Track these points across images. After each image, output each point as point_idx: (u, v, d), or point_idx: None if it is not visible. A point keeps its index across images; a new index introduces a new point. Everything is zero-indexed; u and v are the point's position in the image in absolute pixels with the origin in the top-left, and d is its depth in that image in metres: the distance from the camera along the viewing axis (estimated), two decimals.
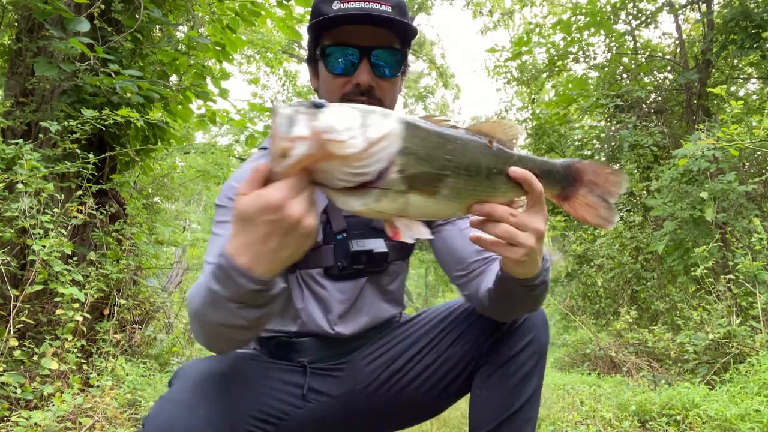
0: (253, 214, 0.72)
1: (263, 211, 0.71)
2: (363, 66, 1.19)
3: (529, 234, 0.88)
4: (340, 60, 1.20)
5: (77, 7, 3.37)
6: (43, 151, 3.14)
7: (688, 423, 2.70)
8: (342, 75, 1.21)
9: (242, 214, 0.73)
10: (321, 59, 1.23)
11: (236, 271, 0.77)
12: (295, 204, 0.71)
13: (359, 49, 1.19)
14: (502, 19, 15.49)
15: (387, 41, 1.22)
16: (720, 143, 4.47)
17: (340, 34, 1.20)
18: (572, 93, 8.06)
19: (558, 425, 2.91)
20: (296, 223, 0.71)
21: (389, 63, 1.23)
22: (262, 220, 0.72)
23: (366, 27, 1.19)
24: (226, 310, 0.83)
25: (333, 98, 1.19)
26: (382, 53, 1.21)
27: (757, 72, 7.62)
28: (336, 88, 1.21)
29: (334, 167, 0.70)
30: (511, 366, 1.27)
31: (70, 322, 2.73)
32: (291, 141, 0.67)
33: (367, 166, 0.70)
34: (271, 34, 9.75)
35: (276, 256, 0.75)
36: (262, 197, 0.71)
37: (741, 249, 4.36)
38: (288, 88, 18.93)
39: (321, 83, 1.27)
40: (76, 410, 2.48)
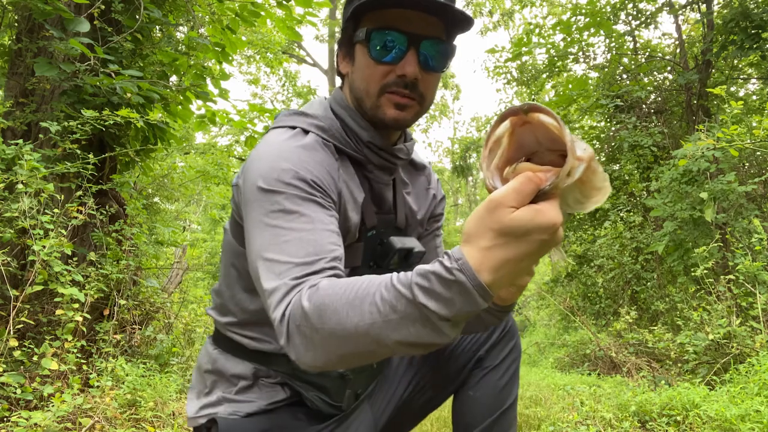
0: (530, 231, 0.66)
1: (543, 230, 0.66)
2: (410, 56, 1.09)
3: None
4: (387, 46, 1.09)
5: (77, 7, 3.37)
6: (43, 152, 3.14)
7: (688, 423, 2.70)
8: (387, 63, 1.10)
9: (516, 228, 0.66)
10: (363, 43, 1.11)
11: (481, 288, 0.68)
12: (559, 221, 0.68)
13: (408, 36, 1.08)
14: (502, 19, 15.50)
15: (437, 31, 1.12)
16: (720, 144, 4.47)
17: (389, 17, 1.09)
18: (572, 93, 8.06)
19: (558, 426, 2.91)
20: (559, 241, 0.69)
21: (438, 55, 1.12)
22: (536, 238, 0.66)
23: (417, 13, 1.09)
24: (429, 328, 0.72)
25: (371, 87, 1.12)
26: (432, 44, 1.11)
27: (756, 72, 7.63)
28: (377, 77, 1.11)
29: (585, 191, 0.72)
30: (501, 368, 1.39)
31: (70, 323, 2.73)
32: (578, 161, 0.67)
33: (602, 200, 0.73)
34: (271, 34, 9.75)
35: (521, 273, 0.71)
36: (544, 215, 0.66)
37: (741, 249, 4.36)
38: (288, 89, 18.93)
39: (357, 69, 1.15)
40: (76, 410, 2.48)
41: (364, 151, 1.18)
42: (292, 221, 0.94)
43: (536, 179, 0.67)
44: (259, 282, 0.92)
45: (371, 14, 1.12)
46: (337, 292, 0.78)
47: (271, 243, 0.92)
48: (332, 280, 0.83)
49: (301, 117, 1.18)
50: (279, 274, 0.88)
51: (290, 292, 0.85)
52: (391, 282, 0.74)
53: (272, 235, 0.93)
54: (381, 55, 1.10)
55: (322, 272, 0.88)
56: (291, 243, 0.91)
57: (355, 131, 1.17)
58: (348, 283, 0.79)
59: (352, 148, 1.17)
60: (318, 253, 0.91)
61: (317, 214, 0.97)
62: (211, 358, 1.28)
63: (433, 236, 1.42)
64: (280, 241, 0.92)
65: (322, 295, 0.79)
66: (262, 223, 0.96)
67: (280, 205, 0.96)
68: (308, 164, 1.03)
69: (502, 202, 0.67)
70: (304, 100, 19.37)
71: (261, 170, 1.01)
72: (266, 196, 0.97)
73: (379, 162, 1.20)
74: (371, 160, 1.19)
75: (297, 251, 0.90)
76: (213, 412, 1.22)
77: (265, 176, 0.99)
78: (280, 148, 1.06)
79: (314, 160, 1.06)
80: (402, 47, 1.09)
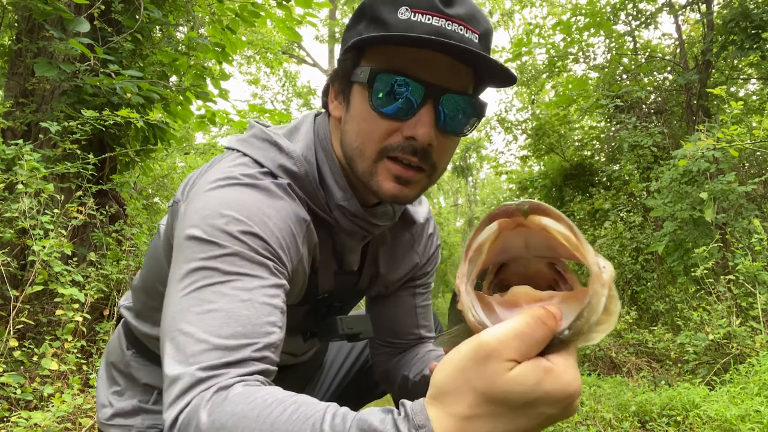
0: (536, 401, 0.45)
1: (556, 400, 0.45)
2: (425, 113, 0.83)
3: None
4: (396, 96, 0.82)
5: (77, 7, 3.37)
6: (43, 152, 3.14)
7: (689, 424, 2.69)
8: (393, 118, 0.84)
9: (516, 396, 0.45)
10: (364, 86, 0.84)
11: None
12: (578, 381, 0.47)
13: (425, 86, 0.82)
14: (501, 19, 15.51)
15: (464, 83, 0.86)
16: (720, 144, 4.47)
17: (403, 57, 0.83)
18: (572, 93, 8.06)
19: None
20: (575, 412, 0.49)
21: (462, 115, 0.86)
22: (543, 411, 0.46)
23: (441, 56, 0.82)
24: None
25: (367, 147, 0.86)
26: (456, 99, 0.85)
27: (756, 72, 7.63)
28: (377, 135, 0.85)
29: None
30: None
31: (70, 323, 2.73)
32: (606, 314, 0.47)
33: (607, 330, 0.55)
34: (270, 35, 9.75)
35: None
36: (558, 379, 0.45)
37: (741, 249, 4.36)
38: (288, 89, 18.94)
39: (352, 117, 0.88)
40: (76, 411, 2.48)
41: (334, 213, 0.94)
42: (224, 287, 0.72)
43: (551, 321, 0.46)
44: (163, 358, 0.70)
45: (379, 49, 0.86)
46: (247, 414, 0.57)
47: (190, 311, 0.70)
48: (249, 389, 0.62)
49: (273, 150, 0.91)
50: (188, 356, 0.66)
51: (192, 389, 0.63)
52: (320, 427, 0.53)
53: (196, 300, 0.71)
54: (386, 106, 0.83)
55: (246, 364, 0.67)
56: (216, 316, 0.69)
57: (330, 188, 0.93)
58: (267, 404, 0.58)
59: (320, 206, 0.93)
60: (248, 336, 0.69)
61: (261, 283, 0.74)
62: (125, 360, 1.15)
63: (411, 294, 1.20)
64: (203, 310, 0.70)
65: (227, 411, 0.58)
66: (187, 281, 0.73)
67: (215, 263, 0.73)
68: (267, 216, 0.80)
69: (498, 353, 0.45)
70: (303, 101, 19.38)
71: (203, 211, 0.78)
72: (201, 247, 0.75)
73: (350, 228, 0.97)
74: (340, 224, 0.96)
75: (221, 328, 0.68)
76: (128, 424, 1.10)
77: (206, 221, 0.77)
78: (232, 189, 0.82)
79: (277, 211, 0.82)
80: (415, 99, 0.83)
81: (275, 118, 4.88)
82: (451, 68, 0.83)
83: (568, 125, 9.31)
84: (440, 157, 0.88)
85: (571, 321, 0.46)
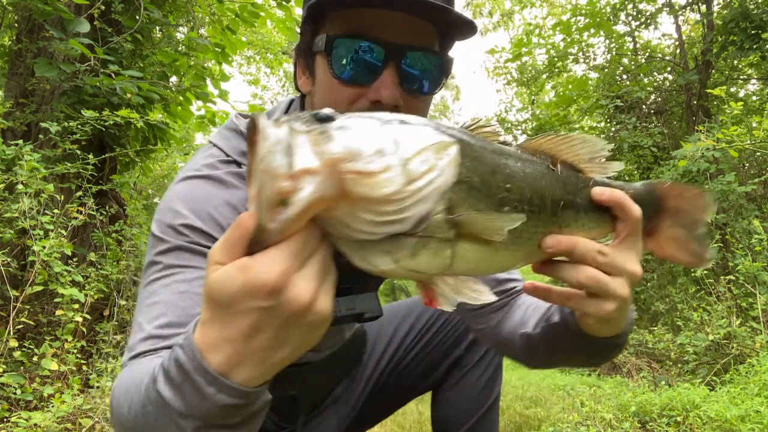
0: (237, 299, 0.47)
1: (252, 295, 0.46)
2: (387, 74, 0.80)
3: (624, 280, 0.64)
4: (355, 60, 0.80)
5: (77, 8, 3.37)
6: (43, 152, 3.14)
7: (689, 424, 2.69)
8: (354, 84, 0.81)
9: (219, 296, 0.47)
10: (323, 54, 0.82)
11: (207, 375, 0.50)
12: (301, 281, 0.47)
13: (385, 46, 0.79)
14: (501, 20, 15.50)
15: (427, 39, 0.83)
16: (720, 144, 4.47)
17: (357, 18, 0.80)
18: (572, 94, 8.07)
19: (558, 426, 2.91)
20: (303, 309, 0.47)
21: (427, 72, 0.84)
22: (250, 306, 0.47)
23: (398, 14, 0.79)
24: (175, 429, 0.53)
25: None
26: (419, 57, 0.82)
27: (756, 73, 7.63)
28: (342, 101, 0.82)
29: (357, 213, 0.47)
30: (481, 365, 1.27)
31: (70, 323, 2.73)
32: (293, 179, 0.44)
33: (405, 211, 0.47)
34: (270, 35, 9.75)
35: (268, 356, 0.50)
36: (251, 273, 0.46)
37: (741, 250, 4.36)
38: (288, 89, 18.94)
39: (318, 88, 0.87)
40: (76, 411, 2.48)
41: None
42: (167, 278, 0.78)
43: (246, 221, 0.46)
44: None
45: (335, 14, 0.83)
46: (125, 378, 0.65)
47: (143, 302, 0.79)
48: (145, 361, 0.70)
49: (238, 139, 0.93)
50: (131, 345, 0.76)
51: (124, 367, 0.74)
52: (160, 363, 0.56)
53: (146, 293, 0.79)
54: (347, 73, 0.81)
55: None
56: (157, 307, 0.76)
57: None
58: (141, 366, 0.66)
59: None
60: (182, 324, 0.73)
61: (200, 273, 0.77)
62: None
63: None
64: (150, 302, 0.78)
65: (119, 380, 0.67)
66: (145, 275, 0.82)
67: (162, 258, 0.80)
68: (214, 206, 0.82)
69: (211, 258, 0.48)
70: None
71: (160, 208, 0.85)
72: (153, 242, 0.82)
73: None
74: None
75: (158, 319, 0.75)
76: None
77: (160, 218, 0.83)
78: (188, 182, 0.86)
79: (226, 200, 0.84)
80: (376, 61, 0.80)
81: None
82: (410, 25, 0.80)
83: (568, 125, 9.31)
84: None
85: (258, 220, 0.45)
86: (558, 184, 0.63)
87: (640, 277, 0.65)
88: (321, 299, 0.49)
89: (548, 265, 0.66)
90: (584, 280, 0.63)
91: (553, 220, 0.62)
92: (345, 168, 0.45)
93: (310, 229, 0.48)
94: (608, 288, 0.63)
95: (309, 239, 0.48)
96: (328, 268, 0.51)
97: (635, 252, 0.65)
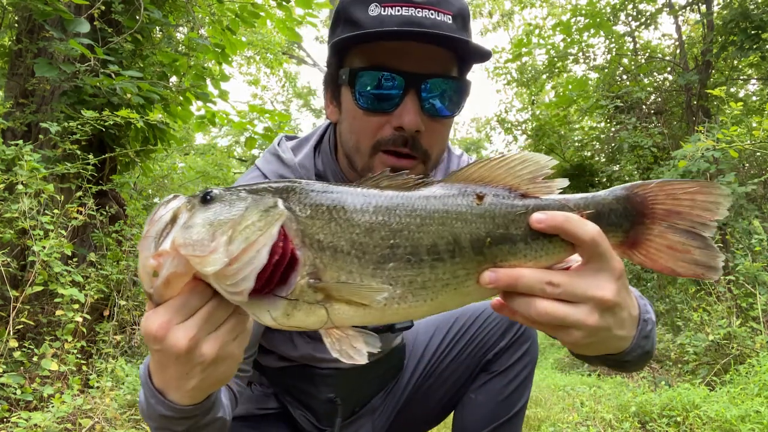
0: (145, 341, 0.60)
1: (148, 340, 0.59)
2: (409, 101, 0.85)
3: (589, 307, 0.58)
4: (376, 91, 0.85)
5: (77, 8, 3.37)
6: (43, 152, 3.14)
7: (689, 424, 2.69)
8: (377, 112, 0.86)
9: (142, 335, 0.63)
10: (347, 86, 0.88)
11: (150, 389, 0.67)
12: (180, 331, 0.57)
13: (405, 76, 0.84)
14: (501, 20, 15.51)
15: (444, 65, 0.88)
16: (720, 145, 4.47)
17: (378, 51, 0.86)
18: (572, 94, 8.07)
19: (558, 426, 2.91)
20: (184, 352, 0.57)
21: (446, 96, 0.88)
22: (151, 348, 0.60)
23: (415, 44, 0.85)
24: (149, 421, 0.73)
25: (361, 143, 0.89)
26: (437, 83, 0.86)
27: (756, 73, 7.63)
28: (368, 131, 0.88)
29: (213, 283, 0.55)
30: (509, 374, 1.25)
31: (70, 323, 2.73)
32: (157, 257, 0.54)
33: (237, 286, 0.53)
34: (270, 35, 9.75)
35: (182, 385, 0.63)
36: (144, 324, 0.58)
37: (741, 250, 4.36)
38: (288, 90, 18.94)
39: (344, 118, 0.93)
40: (76, 411, 2.48)
41: None
42: None
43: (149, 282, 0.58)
44: None
45: (358, 48, 0.89)
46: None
47: None
48: None
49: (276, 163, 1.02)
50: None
51: None
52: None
53: None
54: (370, 103, 0.86)
55: None
56: None
57: None
58: None
59: None
60: None
61: None
62: None
63: None
64: None
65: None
66: None
67: None
68: None
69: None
70: (303, 101, 19.38)
71: None
72: None
73: None
74: None
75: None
76: None
77: None
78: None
79: None
80: (397, 90, 0.85)
81: (275, 118, 4.88)
82: (427, 54, 0.85)
83: (568, 126, 9.31)
84: (431, 142, 0.89)
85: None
86: (482, 219, 0.58)
87: (611, 300, 0.58)
88: (204, 344, 0.58)
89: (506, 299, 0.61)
90: (535, 315, 0.58)
91: (479, 259, 0.58)
92: (184, 252, 0.54)
93: (194, 290, 0.57)
94: (567, 320, 0.58)
95: (190, 299, 0.57)
96: (215, 320, 0.59)
97: (605, 274, 0.58)
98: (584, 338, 0.59)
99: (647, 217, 0.63)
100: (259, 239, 0.53)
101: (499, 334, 1.27)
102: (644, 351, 0.70)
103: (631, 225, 0.63)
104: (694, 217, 0.62)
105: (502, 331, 1.26)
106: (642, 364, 0.75)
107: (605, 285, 0.58)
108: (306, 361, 1.11)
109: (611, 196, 0.63)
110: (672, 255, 0.62)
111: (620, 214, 0.62)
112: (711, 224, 0.62)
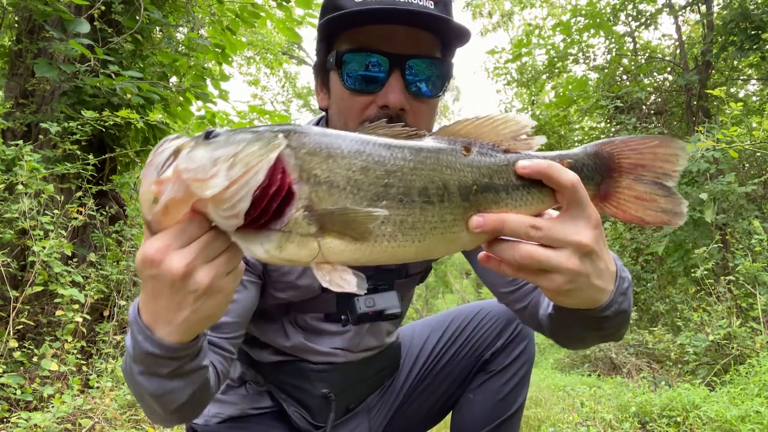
0: (139, 268, 0.62)
1: (144, 265, 0.60)
2: (393, 81, 0.89)
3: (569, 252, 0.62)
4: (363, 72, 0.90)
5: (77, 8, 3.37)
6: (43, 153, 3.14)
7: (689, 424, 2.69)
8: (363, 92, 0.91)
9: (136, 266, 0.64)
10: (335, 69, 0.92)
11: (138, 325, 0.68)
12: (177, 256, 0.59)
13: (389, 57, 0.89)
14: (501, 20, 15.50)
15: (427, 48, 0.92)
16: (720, 145, 4.47)
17: (363, 35, 0.90)
18: (572, 94, 8.07)
19: (558, 426, 2.91)
20: (179, 278, 0.59)
21: (429, 78, 0.92)
22: (146, 274, 0.61)
23: (399, 28, 0.89)
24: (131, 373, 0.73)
25: (349, 123, 0.93)
26: (420, 64, 0.91)
27: (756, 73, 7.63)
28: (355, 110, 0.92)
29: (211, 210, 0.57)
30: (506, 373, 1.26)
31: (70, 324, 2.73)
32: (158, 184, 0.57)
33: (234, 208, 0.55)
34: (270, 35, 9.75)
35: (173, 317, 0.64)
36: (142, 249, 0.61)
37: (741, 250, 4.36)
38: (288, 90, 18.94)
39: (334, 101, 0.97)
40: (76, 411, 2.48)
41: None
42: None
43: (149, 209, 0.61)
44: None
45: (344, 33, 0.93)
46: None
47: None
48: None
49: None
50: None
51: None
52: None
53: None
54: (357, 83, 0.90)
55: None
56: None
57: None
58: None
59: None
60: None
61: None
62: None
63: None
64: None
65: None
66: None
67: None
68: None
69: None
70: (303, 102, 19.38)
71: None
72: None
73: None
74: None
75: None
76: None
77: None
78: None
79: None
80: (382, 71, 0.89)
81: (275, 119, 4.88)
82: (410, 36, 0.89)
83: (568, 126, 9.31)
84: (417, 120, 0.92)
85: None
86: (469, 168, 0.63)
87: (589, 246, 0.63)
88: (199, 272, 0.60)
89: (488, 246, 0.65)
90: (519, 257, 0.62)
91: (465, 206, 0.63)
92: (185, 176, 0.56)
93: (192, 220, 0.59)
94: (549, 262, 0.62)
95: (189, 227, 0.59)
96: (211, 251, 0.61)
97: (582, 221, 0.63)
98: (565, 283, 0.63)
99: (615, 170, 0.69)
100: (258, 163, 0.56)
101: (496, 334, 1.27)
102: (621, 308, 0.73)
103: (601, 178, 0.69)
104: (657, 168, 0.68)
105: (499, 331, 1.27)
106: (620, 327, 0.78)
107: (583, 231, 0.62)
108: (298, 352, 1.12)
109: (583, 152, 0.70)
110: (640, 204, 0.68)
111: (592, 168, 0.69)
112: (673, 174, 0.68)
